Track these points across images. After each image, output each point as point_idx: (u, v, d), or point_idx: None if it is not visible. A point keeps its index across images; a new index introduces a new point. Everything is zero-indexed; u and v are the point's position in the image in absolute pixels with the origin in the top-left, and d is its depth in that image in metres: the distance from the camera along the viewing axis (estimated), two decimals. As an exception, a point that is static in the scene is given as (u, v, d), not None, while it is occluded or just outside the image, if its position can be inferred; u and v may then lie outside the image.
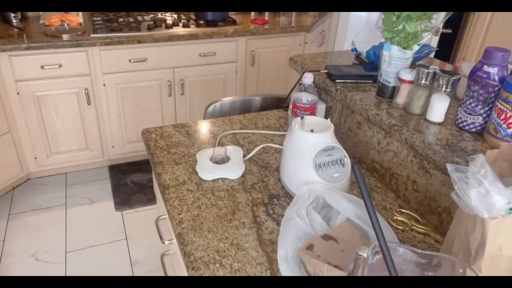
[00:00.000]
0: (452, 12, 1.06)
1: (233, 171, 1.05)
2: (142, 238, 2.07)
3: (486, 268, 0.57)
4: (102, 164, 2.61)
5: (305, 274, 0.73)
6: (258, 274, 0.77)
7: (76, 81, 2.19)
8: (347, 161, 0.94)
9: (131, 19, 2.42)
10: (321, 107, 1.26)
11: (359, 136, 1.15)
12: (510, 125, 0.80)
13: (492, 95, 0.84)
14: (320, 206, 0.89)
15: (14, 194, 2.35)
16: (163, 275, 1.19)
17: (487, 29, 2.29)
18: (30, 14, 2.43)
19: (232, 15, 2.67)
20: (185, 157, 1.13)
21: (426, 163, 0.92)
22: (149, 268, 1.87)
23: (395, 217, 0.93)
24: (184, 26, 2.39)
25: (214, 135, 1.25)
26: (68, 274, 1.85)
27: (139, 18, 2.45)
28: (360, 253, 0.58)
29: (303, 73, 1.22)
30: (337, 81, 1.20)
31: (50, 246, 2.01)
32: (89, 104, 2.28)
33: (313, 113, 1.18)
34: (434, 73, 0.94)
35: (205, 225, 0.88)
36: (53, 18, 2.27)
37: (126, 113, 2.41)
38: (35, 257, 1.94)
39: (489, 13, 2.25)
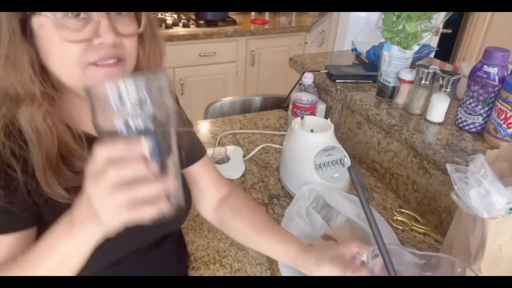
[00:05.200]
0: (452, 12, 1.06)
1: (233, 171, 1.05)
2: (142, 238, 2.07)
3: (486, 268, 0.57)
4: (102, 164, 2.61)
5: (305, 274, 0.73)
6: (258, 274, 0.77)
7: (76, 81, 2.19)
8: (347, 161, 0.94)
9: (131, 19, 2.41)
10: (321, 107, 1.26)
11: (359, 136, 1.14)
12: (510, 125, 0.80)
13: (492, 95, 0.84)
14: (320, 206, 0.89)
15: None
16: (163, 275, 1.19)
17: (487, 29, 2.29)
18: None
19: (232, 15, 2.67)
20: (185, 157, 1.13)
21: (426, 163, 0.92)
22: (149, 268, 1.87)
23: (395, 217, 0.93)
24: (184, 26, 2.39)
25: (214, 135, 1.25)
26: (68, 274, 1.84)
27: (139, 18, 2.45)
28: (359, 256, 0.58)
29: (303, 73, 1.22)
30: (337, 81, 1.20)
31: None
32: (89, 104, 2.28)
33: (313, 113, 1.18)
34: (434, 73, 0.94)
35: (205, 225, 0.88)
36: (53, 18, 2.27)
37: (126, 113, 2.41)
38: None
39: (489, 13, 2.25)
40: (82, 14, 0.48)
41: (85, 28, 0.48)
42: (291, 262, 0.66)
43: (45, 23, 0.47)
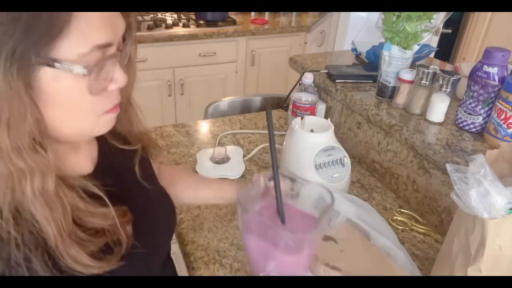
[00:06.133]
0: (452, 12, 1.06)
1: (233, 171, 1.05)
2: (142, 238, 2.07)
3: (486, 268, 0.57)
4: (102, 164, 2.61)
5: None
6: (258, 274, 0.76)
7: (76, 81, 2.19)
8: (347, 161, 0.94)
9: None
10: (321, 107, 1.26)
11: (359, 136, 1.14)
12: (510, 125, 0.80)
13: (492, 95, 0.84)
14: (320, 206, 0.89)
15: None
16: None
17: (487, 29, 2.29)
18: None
19: (232, 15, 2.68)
20: (185, 157, 1.13)
21: (426, 163, 0.92)
22: (149, 268, 1.87)
23: (395, 217, 0.93)
24: (184, 26, 2.39)
25: (214, 135, 1.25)
26: (68, 274, 1.84)
27: (139, 18, 2.45)
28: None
29: (303, 73, 1.22)
30: (337, 81, 1.20)
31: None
32: (89, 104, 2.28)
33: (313, 113, 1.18)
34: (434, 73, 0.94)
35: (205, 225, 0.88)
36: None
37: (126, 113, 2.41)
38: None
39: (489, 13, 2.25)
40: (102, 61, 0.43)
41: (100, 75, 0.43)
42: (231, 199, 0.79)
43: (62, 75, 0.40)
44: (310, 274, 0.65)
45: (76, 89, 0.42)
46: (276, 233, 0.58)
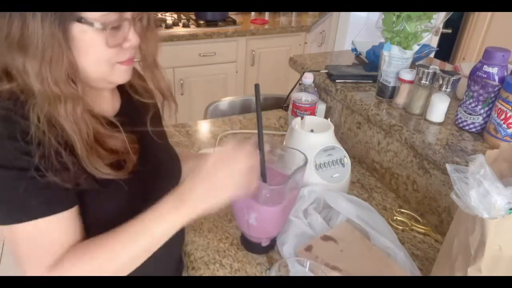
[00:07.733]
0: (452, 12, 1.06)
1: (233, 171, 1.05)
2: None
3: (486, 268, 0.57)
4: (102, 164, 2.61)
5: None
6: (258, 274, 0.76)
7: (76, 81, 2.19)
8: (347, 161, 0.94)
9: (131, 19, 2.41)
10: (321, 107, 1.26)
11: (359, 136, 1.14)
12: (510, 125, 0.80)
13: (492, 95, 0.84)
14: (321, 208, 0.89)
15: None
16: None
17: (487, 29, 2.29)
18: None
19: (232, 15, 2.67)
20: (185, 157, 1.13)
21: (426, 163, 0.92)
22: (149, 268, 1.86)
23: (395, 217, 0.93)
24: (184, 26, 2.39)
25: (214, 135, 1.25)
26: (68, 274, 1.84)
27: (139, 18, 2.45)
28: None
29: (303, 73, 1.22)
30: (337, 81, 1.20)
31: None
32: (89, 104, 2.28)
33: (313, 113, 1.18)
34: (434, 73, 0.94)
35: (205, 225, 0.88)
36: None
37: (126, 113, 2.41)
38: (35, 257, 1.93)
39: (489, 13, 2.25)
40: (117, 22, 0.56)
41: (118, 34, 0.57)
42: None
43: (87, 29, 0.54)
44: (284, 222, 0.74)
45: (97, 41, 0.55)
46: (256, 187, 0.66)
